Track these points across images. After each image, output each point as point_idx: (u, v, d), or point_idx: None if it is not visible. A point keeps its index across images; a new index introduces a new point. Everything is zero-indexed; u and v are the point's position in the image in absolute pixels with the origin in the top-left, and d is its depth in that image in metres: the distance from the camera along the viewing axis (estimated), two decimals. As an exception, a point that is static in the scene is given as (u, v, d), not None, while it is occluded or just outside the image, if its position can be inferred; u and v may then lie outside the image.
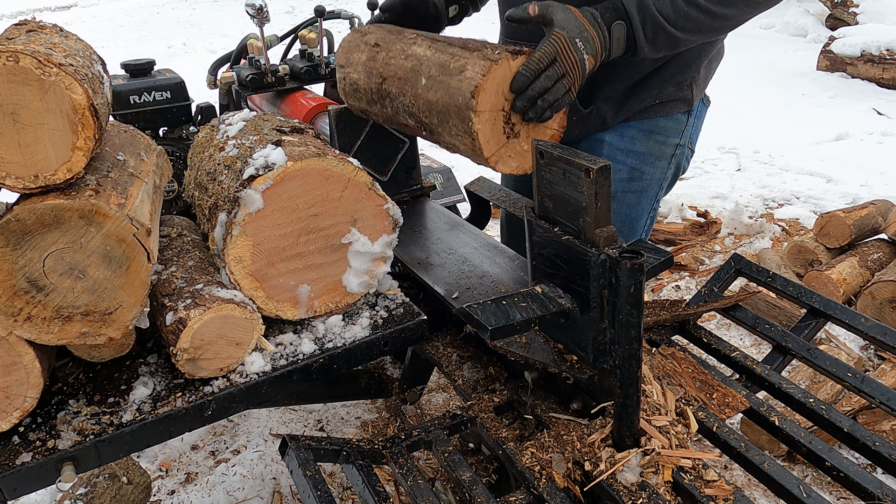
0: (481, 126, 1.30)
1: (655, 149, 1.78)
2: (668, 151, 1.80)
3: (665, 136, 1.78)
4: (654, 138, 1.78)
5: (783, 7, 9.86)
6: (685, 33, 1.44)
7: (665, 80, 1.71)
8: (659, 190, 1.87)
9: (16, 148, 1.07)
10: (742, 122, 5.58)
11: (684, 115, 1.78)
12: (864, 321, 1.52)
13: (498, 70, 1.28)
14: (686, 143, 1.83)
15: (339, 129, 1.82)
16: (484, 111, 1.29)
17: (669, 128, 1.78)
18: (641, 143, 1.77)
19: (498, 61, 1.28)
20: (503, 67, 1.29)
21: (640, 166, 1.79)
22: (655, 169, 1.81)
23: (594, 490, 1.17)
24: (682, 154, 1.84)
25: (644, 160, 1.79)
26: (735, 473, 2.16)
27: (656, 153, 1.79)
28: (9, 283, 1.09)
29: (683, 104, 1.76)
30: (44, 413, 1.24)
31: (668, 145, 1.79)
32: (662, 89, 1.71)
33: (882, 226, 3.28)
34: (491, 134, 1.32)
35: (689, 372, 1.44)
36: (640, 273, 1.03)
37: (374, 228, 1.43)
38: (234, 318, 1.27)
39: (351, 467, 1.31)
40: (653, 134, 1.77)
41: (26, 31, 1.26)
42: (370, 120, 1.78)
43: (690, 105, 1.77)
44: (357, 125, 1.82)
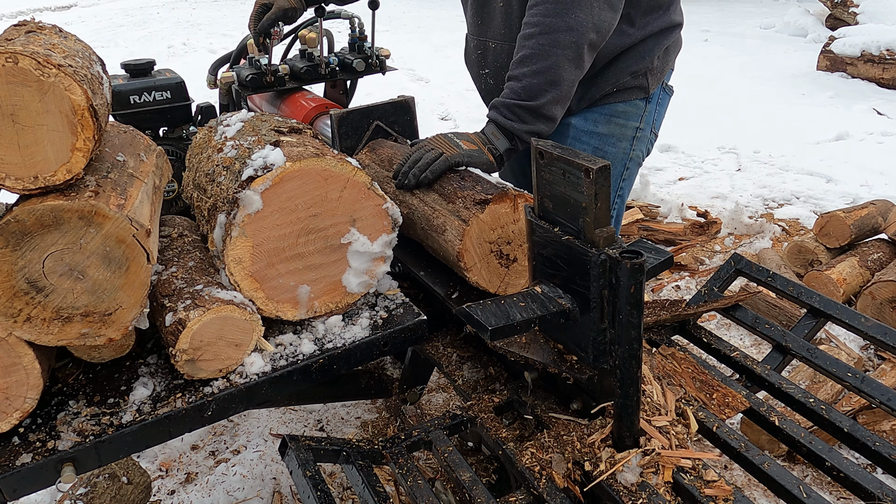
0: (477, 276, 1.45)
1: (616, 130, 2.00)
2: (629, 133, 2.02)
3: (625, 120, 2.00)
4: (615, 121, 1.99)
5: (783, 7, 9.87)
6: (541, 95, 1.66)
7: (621, 70, 1.91)
8: (623, 169, 2.09)
9: (15, 149, 1.07)
10: (742, 122, 5.57)
11: (642, 102, 2.00)
12: (864, 321, 1.52)
13: (472, 229, 1.40)
14: (647, 127, 2.04)
15: (341, 134, 1.81)
16: (473, 265, 1.44)
17: (629, 112, 1.99)
18: (603, 125, 1.99)
19: (468, 221, 1.40)
20: (475, 225, 1.41)
21: (603, 146, 2.02)
22: (617, 149, 2.03)
23: (594, 490, 1.17)
24: (643, 136, 2.06)
25: (606, 141, 2.01)
26: (735, 473, 2.16)
27: (617, 134, 2.01)
28: (8, 285, 1.09)
29: (640, 91, 1.97)
30: (44, 414, 1.24)
31: (627, 128, 2.01)
32: (619, 78, 1.92)
33: (882, 226, 3.27)
34: (488, 275, 1.47)
35: (689, 372, 1.44)
36: (640, 273, 1.03)
37: (373, 228, 1.43)
38: (234, 319, 1.27)
39: (351, 467, 1.31)
40: (613, 117, 1.99)
41: (25, 32, 1.26)
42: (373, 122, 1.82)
43: (648, 92, 1.98)
44: (359, 129, 1.82)
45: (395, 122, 1.90)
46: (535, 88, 1.66)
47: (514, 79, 1.70)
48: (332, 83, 2.69)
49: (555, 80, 1.66)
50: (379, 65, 2.51)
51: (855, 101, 5.99)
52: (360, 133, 1.83)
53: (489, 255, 1.44)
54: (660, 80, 2.00)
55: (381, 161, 1.75)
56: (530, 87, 1.67)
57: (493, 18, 1.96)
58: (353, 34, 2.54)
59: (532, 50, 1.67)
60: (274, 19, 2.20)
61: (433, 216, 1.50)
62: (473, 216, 1.40)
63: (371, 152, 1.81)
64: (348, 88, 2.74)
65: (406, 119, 1.91)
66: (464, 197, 1.46)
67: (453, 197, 1.48)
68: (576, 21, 1.63)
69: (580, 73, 1.73)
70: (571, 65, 1.67)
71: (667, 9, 1.92)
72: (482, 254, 1.43)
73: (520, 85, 1.67)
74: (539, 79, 1.66)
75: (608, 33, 1.72)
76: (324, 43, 2.44)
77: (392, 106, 1.87)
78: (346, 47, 2.60)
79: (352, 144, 1.86)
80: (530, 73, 1.67)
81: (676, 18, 1.96)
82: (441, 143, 1.64)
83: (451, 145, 1.62)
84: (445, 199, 1.50)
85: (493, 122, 1.70)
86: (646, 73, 1.94)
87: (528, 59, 1.67)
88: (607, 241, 1.11)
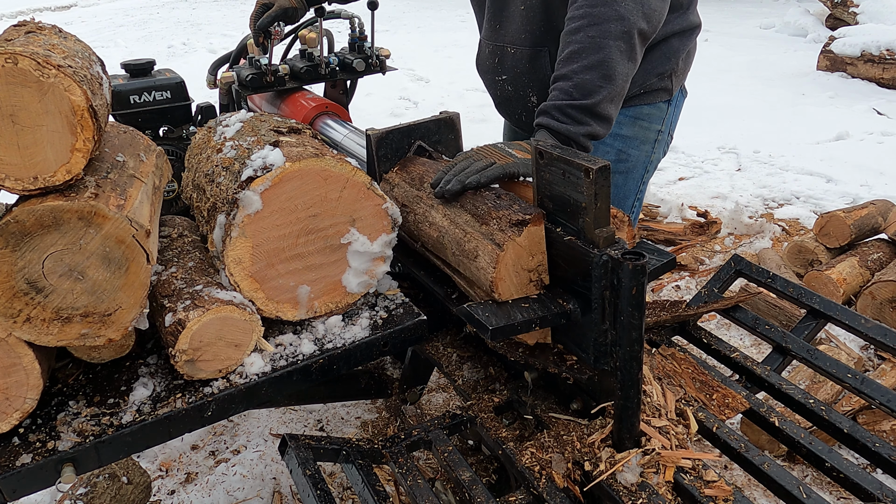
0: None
1: (640, 133, 1.96)
2: (651, 136, 1.99)
3: (649, 122, 1.96)
4: (639, 124, 1.95)
5: (783, 7, 9.87)
6: (596, 92, 1.52)
7: (648, 72, 1.86)
8: (644, 172, 2.05)
9: (15, 149, 1.07)
10: (742, 122, 5.58)
11: (665, 104, 1.97)
12: (864, 321, 1.52)
13: (508, 255, 1.21)
14: (667, 129, 2.02)
15: (379, 157, 1.63)
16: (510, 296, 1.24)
17: (652, 115, 1.96)
18: (627, 127, 1.94)
19: (503, 245, 1.21)
20: (511, 250, 1.21)
21: (626, 149, 1.97)
22: (640, 152, 1.99)
23: (594, 490, 1.17)
24: (663, 140, 2.03)
25: (630, 143, 1.97)
26: (735, 473, 2.16)
27: (641, 137, 1.97)
28: (8, 285, 1.09)
29: (665, 93, 1.94)
30: (44, 414, 1.24)
31: (651, 130, 1.98)
32: (646, 80, 1.87)
33: (882, 226, 3.27)
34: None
35: (689, 372, 1.44)
36: (642, 274, 1.03)
37: (373, 228, 1.43)
38: (233, 319, 1.27)
39: (351, 467, 1.31)
40: (638, 120, 1.95)
41: (25, 33, 1.26)
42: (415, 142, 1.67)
43: (671, 95, 1.96)
44: (400, 150, 1.65)
45: (439, 142, 1.71)
46: (588, 85, 1.52)
47: (563, 78, 1.55)
48: (332, 83, 2.69)
49: (608, 74, 1.52)
50: (379, 65, 2.51)
51: (855, 101, 6.00)
52: (401, 154, 1.65)
53: (528, 285, 1.25)
54: (681, 82, 1.97)
55: (412, 179, 1.57)
56: (583, 84, 1.52)
57: (512, 22, 1.89)
58: (353, 34, 2.54)
59: (581, 44, 1.53)
60: (274, 17, 2.20)
61: (465, 240, 1.30)
62: (509, 240, 1.21)
63: (401, 170, 1.63)
64: (348, 88, 2.74)
65: (450, 137, 1.73)
66: (499, 217, 1.26)
67: (487, 218, 1.28)
68: (625, 9, 1.51)
69: (633, 67, 1.59)
70: (624, 57, 1.54)
71: (687, 9, 1.87)
72: (519, 283, 1.24)
73: (570, 84, 1.53)
74: (592, 74, 1.52)
75: (658, 24, 1.61)
76: (324, 43, 2.44)
77: (435, 123, 1.70)
78: (346, 47, 2.60)
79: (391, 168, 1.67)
80: (581, 69, 1.52)
81: (695, 20, 1.92)
82: (491, 153, 1.45)
83: (503, 154, 1.43)
84: (479, 220, 1.30)
85: (546, 127, 1.54)
86: (671, 74, 1.90)
87: (578, 54, 1.53)
88: (607, 241, 1.11)
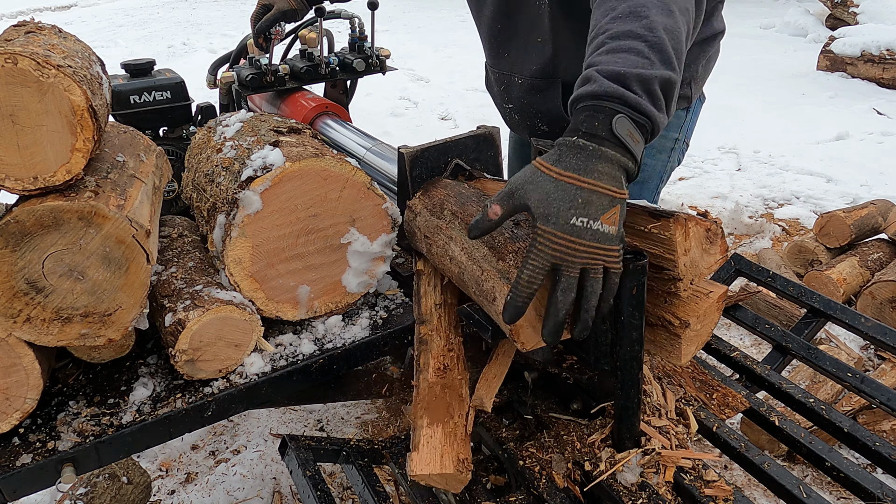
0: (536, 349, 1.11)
1: (657, 142, 1.85)
2: (668, 145, 1.88)
3: (667, 131, 1.85)
4: None
5: (783, 7, 9.87)
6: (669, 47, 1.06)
7: None
8: (659, 182, 1.95)
9: (15, 150, 1.07)
10: (742, 122, 5.57)
11: (683, 112, 1.86)
12: (864, 321, 1.52)
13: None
14: (684, 137, 1.92)
15: (413, 177, 1.45)
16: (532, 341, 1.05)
17: (671, 123, 1.84)
18: None
19: None
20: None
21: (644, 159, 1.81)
22: (656, 161, 1.89)
23: (594, 490, 1.17)
24: (680, 148, 1.93)
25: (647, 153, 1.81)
26: (735, 473, 2.16)
27: (657, 146, 1.86)
28: (8, 285, 1.09)
29: (684, 101, 1.83)
30: (44, 414, 1.24)
31: (668, 139, 1.87)
32: None
33: (882, 226, 3.27)
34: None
35: (689, 372, 1.44)
36: (642, 274, 1.03)
37: (373, 228, 1.43)
38: (233, 319, 1.27)
39: (351, 467, 1.31)
40: None
41: (25, 33, 1.26)
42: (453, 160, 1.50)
43: (689, 102, 1.84)
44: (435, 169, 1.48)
45: (478, 159, 1.54)
46: (659, 41, 1.04)
47: (628, 36, 1.05)
48: (332, 83, 2.69)
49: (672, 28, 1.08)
50: (379, 65, 2.51)
51: (855, 101, 5.99)
52: (437, 174, 1.48)
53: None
54: (700, 89, 1.89)
55: (433, 206, 1.36)
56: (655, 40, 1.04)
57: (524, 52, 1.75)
58: (353, 34, 2.54)
59: (632, 5, 1.08)
60: (273, 21, 2.19)
61: (482, 278, 1.12)
62: None
63: (424, 194, 1.44)
64: (348, 88, 2.74)
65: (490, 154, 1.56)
66: (515, 251, 1.08)
67: (504, 252, 1.10)
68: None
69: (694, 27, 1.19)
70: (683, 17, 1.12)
71: (710, 15, 1.75)
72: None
73: (642, 43, 1.03)
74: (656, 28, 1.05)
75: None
76: (324, 43, 2.44)
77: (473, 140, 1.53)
78: (346, 47, 2.60)
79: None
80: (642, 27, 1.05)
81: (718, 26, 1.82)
82: (580, 250, 0.93)
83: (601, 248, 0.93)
84: (496, 254, 1.11)
85: (633, 106, 0.98)
86: (690, 82, 1.80)
87: (633, 14, 1.07)
88: (607, 241, 1.10)
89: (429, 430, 1.10)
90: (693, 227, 1.03)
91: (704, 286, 1.11)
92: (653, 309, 1.12)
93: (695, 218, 1.03)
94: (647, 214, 1.06)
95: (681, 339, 1.09)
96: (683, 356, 1.10)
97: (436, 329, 1.27)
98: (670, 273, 1.06)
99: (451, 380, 1.19)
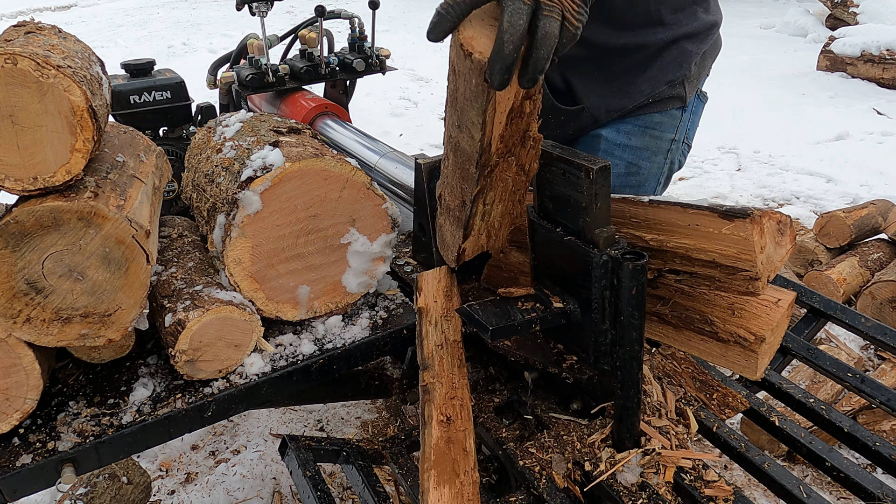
0: None
1: (651, 144, 1.80)
2: (664, 146, 1.83)
3: (660, 132, 1.80)
4: (650, 133, 1.79)
5: (783, 7, 9.87)
6: None
7: (657, 80, 1.71)
8: (656, 185, 1.89)
9: (14, 150, 1.07)
10: (742, 122, 5.58)
11: (679, 111, 1.80)
12: (864, 321, 1.52)
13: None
14: (681, 138, 1.85)
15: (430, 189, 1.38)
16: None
17: (664, 123, 1.80)
18: (637, 138, 1.79)
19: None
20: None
21: (637, 161, 1.81)
22: (651, 164, 1.84)
23: (594, 490, 1.17)
24: (678, 149, 1.87)
25: (640, 155, 1.81)
26: (735, 473, 2.16)
27: (652, 148, 1.81)
28: (8, 286, 1.09)
29: (677, 101, 1.78)
30: (44, 415, 1.24)
31: (663, 140, 1.82)
32: (654, 88, 1.72)
33: (882, 226, 3.27)
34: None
35: (689, 372, 1.44)
36: (642, 274, 1.03)
37: (373, 228, 1.43)
38: (233, 319, 1.27)
39: (351, 467, 1.31)
40: (648, 129, 1.79)
41: (24, 33, 1.26)
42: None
43: (685, 101, 1.79)
44: None
45: None
46: None
47: None
48: (332, 83, 2.70)
49: None
50: (379, 65, 2.51)
51: (855, 101, 5.99)
52: None
53: None
54: (696, 87, 1.82)
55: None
56: None
57: None
58: (353, 34, 2.54)
59: None
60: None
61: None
62: None
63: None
64: (348, 88, 2.74)
65: None
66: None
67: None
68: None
69: None
70: None
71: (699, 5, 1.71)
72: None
73: None
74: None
75: None
76: (324, 43, 2.44)
77: None
78: (346, 47, 2.60)
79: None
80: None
81: (711, 17, 1.75)
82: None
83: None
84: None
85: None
86: (683, 81, 1.74)
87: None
88: (608, 241, 1.11)
89: (436, 494, 1.09)
90: (767, 222, 1.00)
91: (772, 294, 1.07)
92: (723, 325, 1.09)
93: (768, 213, 1.00)
94: (717, 216, 1.02)
95: (757, 354, 1.05)
96: (759, 371, 1.07)
97: (437, 375, 1.27)
98: (746, 273, 1.02)
99: (454, 432, 1.18)
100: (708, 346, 1.13)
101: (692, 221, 1.06)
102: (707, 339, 1.12)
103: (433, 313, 1.37)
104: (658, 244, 1.13)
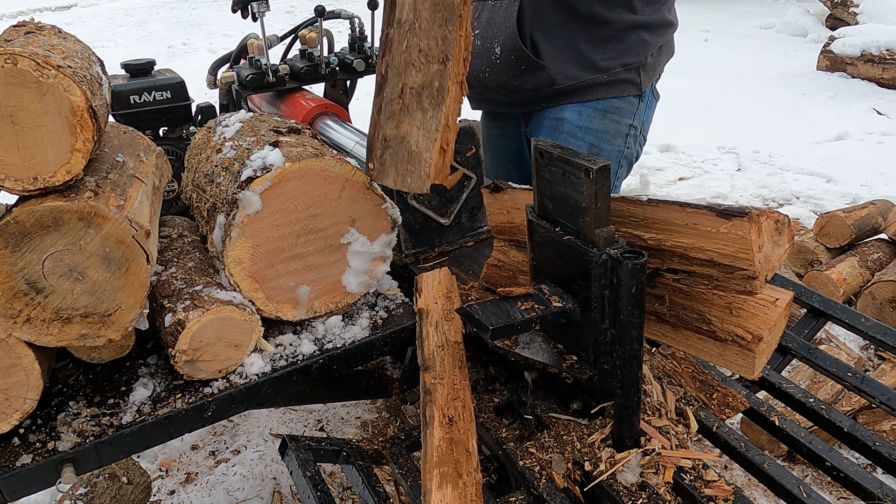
0: None
1: (611, 127, 2.01)
2: (623, 130, 2.03)
3: (619, 116, 2.01)
4: (609, 117, 2.00)
5: (783, 7, 9.86)
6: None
7: (612, 59, 1.92)
8: (618, 167, 2.08)
9: (14, 150, 1.07)
10: (742, 122, 5.57)
11: (636, 99, 2.01)
12: (864, 321, 1.52)
13: None
14: (639, 125, 2.06)
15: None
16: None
17: (623, 108, 2.00)
18: (598, 121, 1.99)
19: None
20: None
21: (598, 143, 2.02)
22: (612, 146, 2.03)
23: (594, 490, 1.17)
24: (636, 136, 2.07)
25: (601, 137, 2.01)
26: (735, 473, 2.16)
27: (612, 131, 2.02)
28: (8, 286, 1.09)
29: (633, 87, 1.98)
30: (44, 415, 1.24)
31: (622, 125, 2.02)
32: (610, 68, 1.93)
33: (882, 226, 3.27)
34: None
35: (689, 372, 1.44)
36: (641, 273, 1.03)
37: (373, 228, 1.43)
38: (233, 319, 1.27)
39: (351, 467, 1.31)
40: (608, 113, 2.00)
41: (24, 33, 1.26)
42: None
43: (640, 90, 2.00)
44: None
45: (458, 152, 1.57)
46: None
47: None
48: (332, 83, 2.69)
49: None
50: (379, 65, 2.51)
51: (855, 101, 5.99)
52: None
53: None
54: (651, 79, 2.02)
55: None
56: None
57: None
58: (353, 34, 2.54)
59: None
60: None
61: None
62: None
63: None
64: (348, 88, 2.74)
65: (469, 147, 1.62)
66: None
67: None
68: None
69: None
70: None
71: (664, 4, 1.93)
72: None
73: None
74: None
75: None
76: (324, 43, 2.44)
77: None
78: (346, 47, 2.60)
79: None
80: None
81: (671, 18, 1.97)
82: None
83: None
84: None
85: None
86: (638, 68, 1.95)
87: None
88: (608, 241, 1.11)
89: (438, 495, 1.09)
90: (765, 221, 1.01)
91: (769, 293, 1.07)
92: (721, 324, 1.09)
93: (766, 212, 1.01)
94: (714, 214, 1.03)
95: (755, 353, 1.06)
96: (756, 370, 1.08)
97: (439, 376, 1.27)
98: (744, 272, 1.03)
99: (457, 433, 1.19)
100: (705, 345, 1.13)
101: (690, 220, 1.06)
102: (705, 338, 1.12)
103: (433, 314, 1.38)
104: (656, 243, 1.14)
